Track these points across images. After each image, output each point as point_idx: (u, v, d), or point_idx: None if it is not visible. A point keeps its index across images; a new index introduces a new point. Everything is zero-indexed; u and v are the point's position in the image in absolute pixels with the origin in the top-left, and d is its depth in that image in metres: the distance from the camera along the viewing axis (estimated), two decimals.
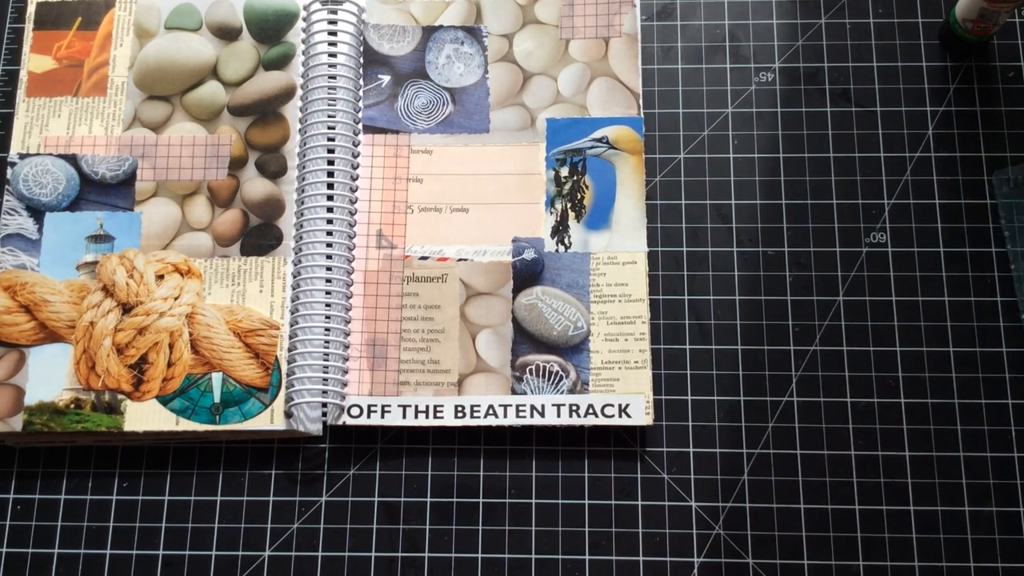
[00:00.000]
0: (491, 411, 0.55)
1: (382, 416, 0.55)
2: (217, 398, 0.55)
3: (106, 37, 0.61)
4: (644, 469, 0.55)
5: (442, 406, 0.55)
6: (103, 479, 0.55)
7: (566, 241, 0.57)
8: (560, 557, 0.54)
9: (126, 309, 0.56)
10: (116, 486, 0.55)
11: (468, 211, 0.58)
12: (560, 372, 0.55)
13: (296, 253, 0.57)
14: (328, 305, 0.56)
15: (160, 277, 0.57)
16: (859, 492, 0.54)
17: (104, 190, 0.58)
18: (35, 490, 0.55)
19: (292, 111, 0.59)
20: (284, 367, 0.55)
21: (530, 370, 0.55)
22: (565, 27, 0.61)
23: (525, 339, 0.56)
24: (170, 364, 0.55)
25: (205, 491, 0.55)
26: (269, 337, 0.56)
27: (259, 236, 0.58)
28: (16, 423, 0.54)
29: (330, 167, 0.58)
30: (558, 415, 0.54)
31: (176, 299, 0.56)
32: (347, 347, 0.56)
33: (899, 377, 0.55)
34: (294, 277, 0.57)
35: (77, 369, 0.55)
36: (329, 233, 0.57)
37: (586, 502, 0.54)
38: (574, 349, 0.55)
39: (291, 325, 0.56)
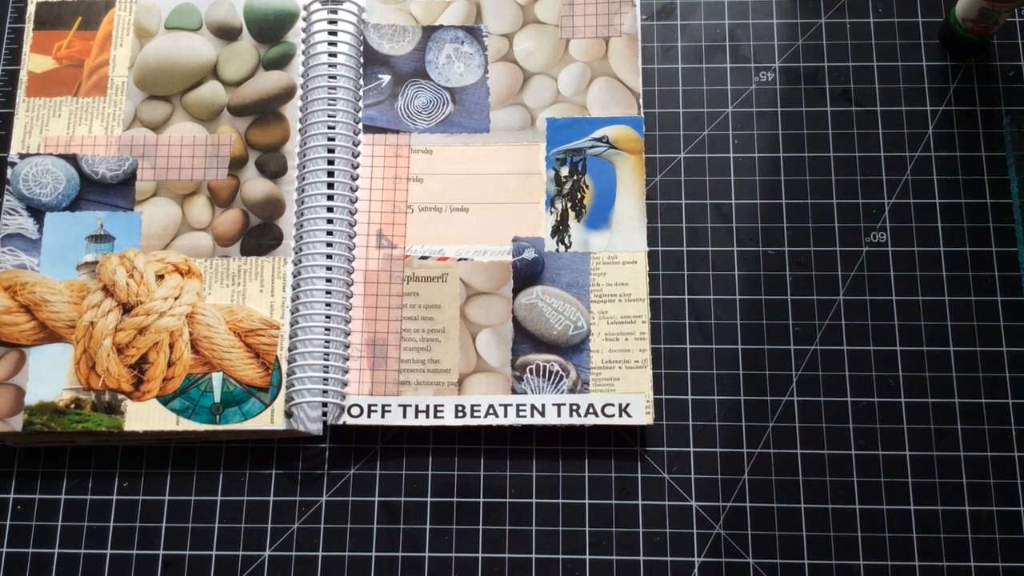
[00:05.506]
0: (491, 411, 0.55)
1: (382, 416, 0.55)
2: (217, 398, 0.55)
3: (106, 37, 0.61)
4: (644, 469, 0.55)
5: (442, 406, 0.55)
6: (103, 479, 0.55)
7: (566, 241, 0.57)
8: (560, 557, 0.54)
9: (126, 309, 0.56)
10: (116, 486, 0.55)
11: (468, 211, 0.58)
12: (560, 372, 0.55)
13: (296, 253, 0.57)
14: (328, 305, 0.56)
15: (160, 277, 0.57)
16: (859, 492, 0.54)
17: (104, 190, 0.58)
18: (35, 490, 0.55)
19: (292, 111, 0.59)
20: (284, 367, 0.55)
21: (530, 370, 0.55)
22: (565, 27, 0.61)
23: (525, 339, 0.56)
24: (170, 364, 0.55)
25: (205, 491, 0.55)
26: (269, 337, 0.56)
27: (259, 236, 0.58)
28: (16, 423, 0.54)
29: (330, 167, 0.58)
30: (558, 415, 0.54)
31: (176, 299, 0.56)
32: (347, 347, 0.56)
33: (899, 377, 0.55)
34: (294, 277, 0.57)
35: (77, 369, 0.55)
36: (329, 233, 0.57)
37: (586, 502, 0.54)
38: (574, 349, 0.55)
39: (291, 325, 0.56)
